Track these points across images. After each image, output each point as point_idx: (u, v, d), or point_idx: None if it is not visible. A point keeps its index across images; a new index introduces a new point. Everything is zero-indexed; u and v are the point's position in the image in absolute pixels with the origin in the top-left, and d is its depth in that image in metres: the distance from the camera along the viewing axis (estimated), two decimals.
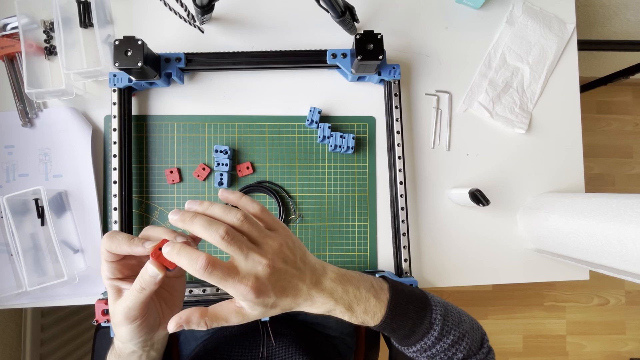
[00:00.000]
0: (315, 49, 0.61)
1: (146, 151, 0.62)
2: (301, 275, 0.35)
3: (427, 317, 0.40)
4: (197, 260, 0.30)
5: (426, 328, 0.40)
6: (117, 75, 0.58)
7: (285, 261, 0.34)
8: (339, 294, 0.37)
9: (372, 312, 0.38)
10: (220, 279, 0.31)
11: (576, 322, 1.58)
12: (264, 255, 0.33)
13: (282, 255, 0.34)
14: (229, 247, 0.32)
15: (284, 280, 0.34)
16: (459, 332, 0.41)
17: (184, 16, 0.58)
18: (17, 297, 0.57)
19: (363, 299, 0.38)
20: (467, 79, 0.67)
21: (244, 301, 0.33)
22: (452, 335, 0.40)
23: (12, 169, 0.60)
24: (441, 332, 0.40)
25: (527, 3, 0.68)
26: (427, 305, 0.41)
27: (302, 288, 0.35)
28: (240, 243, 0.32)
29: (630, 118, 1.62)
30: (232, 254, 0.32)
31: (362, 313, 0.38)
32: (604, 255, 0.49)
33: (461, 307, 0.45)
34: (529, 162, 0.67)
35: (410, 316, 0.39)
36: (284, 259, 0.34)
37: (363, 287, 0.38)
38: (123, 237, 0.35)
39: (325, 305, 0.36)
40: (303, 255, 0.37)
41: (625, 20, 0.99)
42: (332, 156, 0.64)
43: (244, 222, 0.34)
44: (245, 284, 0.32)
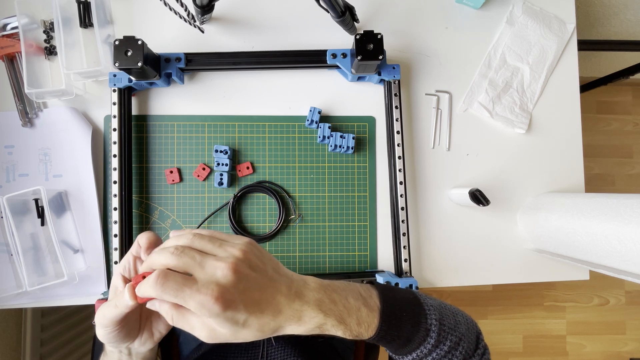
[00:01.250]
0: (315, 49, 0.61)
1: (146, 151, 0.62)
2: (276, 285, 0.32)
3: (422, 324, 0.37)
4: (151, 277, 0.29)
5: (423, 336, 0.37)
6: (117, 75, 0.58)
7: (251, 267, 0.31)
8: (327, 306, 0.33)
9: (365, 323, 0.34)
10: (175, 290, 0.28)
11: (576, 322, 1.58)
12: (223, 260, 0.30)
13: (247, 261, 0.31)
14: (180, 258, 0.30)
15: (254, 289, 0.30)
16: (456, 336, 0.39)
17: (184, 16, 0.58)
18: (17, 297, 0.57)
19: (353, 309, 0.34)
20: (467, 79, 0.67)
21: (209, 315, 0.29)
22: (449, 341, 0.38)
23: (12, 169, 0.60)
24: (438, 338, 0.37)
25: (527, 3, 0.68)
26: (421, 310, 0.38)
27: (281, 301, 0.31)
28: (192, 253, 0.30)
29: (630, 118, 1.62)
30: (186, 267, 0.30)
31: (355, 325, 0.34)
32: (604, 255, 0.49)
33: (461, 308, 0.44)
34: (529, 162, 0.67)
35: (405, 324, 0.36)
36: (250, 265, 0.31)
37: (351, 295, 0.35)
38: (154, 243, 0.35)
39: (313, 320, 0.32)
40: (276, 266, 0.34)
41: (625, 20, 0.99)
42: (332, 156, 0.64)
43: (194, 238, 0.32)
44: (205, 293, 0.28)
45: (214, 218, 0.62)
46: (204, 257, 0.30)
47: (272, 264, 0.34)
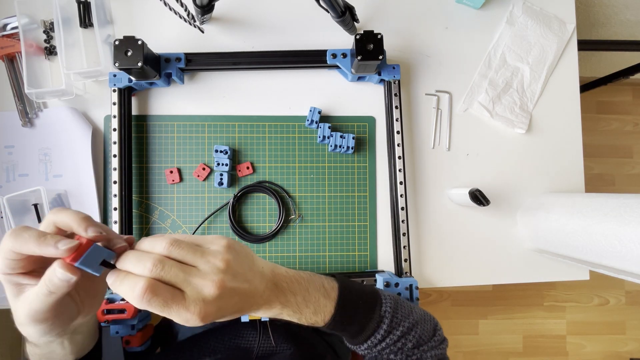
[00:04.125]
0: (315, 49, 0.61)
1: (146, 151, 0.62)
2: (252, 288, 0.32)
3: (376, 312, 0.39)
4: (136, 286, 0.27)
5: (376, 322, 0.39)
6: (117, 75, 0.58)
7: (234, 276, 0.31)
8: (287, 298, 0.35)
9: (322, 313, 0.37)
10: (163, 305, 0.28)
11: (576, 322, 1.58)
12: (208, 278, 0.29)
13: (229, 272, 0.31)
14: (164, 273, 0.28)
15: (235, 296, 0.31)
16: (409, 322, 0.41)
17: (184, 16, 0.58)
18: None
19: (312, 300, 0.36)
20: (467, 79, 0.67)
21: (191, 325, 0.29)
22: (402, 327, 0.40)
23: (12, 169, 0.60)
24: (390, 324, 0.39)
25: (527, 3, 0.68)
26: (377, 299, 0.41)
27: (253, 304, 0.33)
28: (175, 270, 0.29)
29: (630, 118, 1.62)
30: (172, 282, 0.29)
31: (311, 314, 0.36)
32: (604, 255, 0.49)
33: (461, 307, 0.45)
34: (529, 162, 0.67)
35: (359, 312, 0.39)
36: (232, 274, 0.31)
37: (312, 287, 0.37)
38: (31, 234, 0.28)
39: (272, 310, 0.35)
40: (250, 263, 0.34)
41: (625, 20, 0.99)
42: (332, 156, 0.64)
43: (172, 247, 0.30)
44: (192, 312, 0.28)
45: (214, 218, 0.62)
46: (187, 274, 0.29)
47: (247, 261, 0.33)
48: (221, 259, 0.31)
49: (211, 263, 0.30)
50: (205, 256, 0.30)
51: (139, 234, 0.61)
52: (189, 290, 0.29)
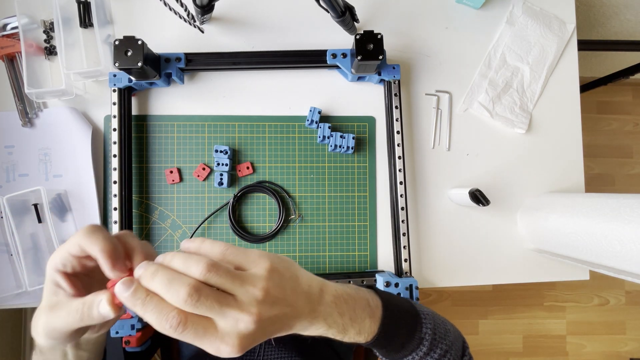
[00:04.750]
0: (315, 49, 0.61)
1: (146, 151, 0.62)
2: (294, 311, 0.30)
3: (417, 332, 0.39)
4: (167, 318, 0.26)
5: (416, 343, 0.38)
6: (117, 75, 0.58)
7: (274, 304, 0.29)
8: (334, 319, 0.33)
9: (365, 333, 0.36)
10: (196, 338, 0.26)
11: (576, 322, 1.58)
12: (246, 310, 0.27)
13: (270, 300, 0.29)
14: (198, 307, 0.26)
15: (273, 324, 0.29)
16: (446, 344, 0.40)
17: (184, 16, 0.58)
18: (17, 297, 0.57)
19: (358, 320, 0.35)
20: (467, 79, 0.67)
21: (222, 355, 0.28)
22: (440, 349, 0.39)
23: (12, 169, 0.60)
24: (430, 347, 0.39)
25: (527, 3, 0.68)
26: (418, 320, 0.40)
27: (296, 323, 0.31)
28: (210, 300, 0.26)
29: (630, 118, 1.62)
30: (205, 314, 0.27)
31: (355, 334, 0.35)
32: (604, 255, 0.49)
33: (461, 307, 0.45)
34: (529, 162, 0.67)
35: (401, 331, 0.38)
36: (272, 302, 0.29)
37: (359, 306, 0.35)
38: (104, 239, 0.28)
39: (318, 330, 0.33)
40: (294, 284, 0.31)
41: (625, 20, 0.99)
42: (332, 156, 0.64)
43: (209, 273, 0.27)
44: (227, 344, 0.27)
45: (214, 218, 0.62)
46: (223, 305, 0.27)
47: (291, 283, 0.31)
48: (261, 288, 0.28)
49: (250, 293, 0.28)
50: (245, 285, 0.28)
51: (139, 234, 0.61)
52: (224, 323, 0.27)
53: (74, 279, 0.31)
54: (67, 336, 0.29)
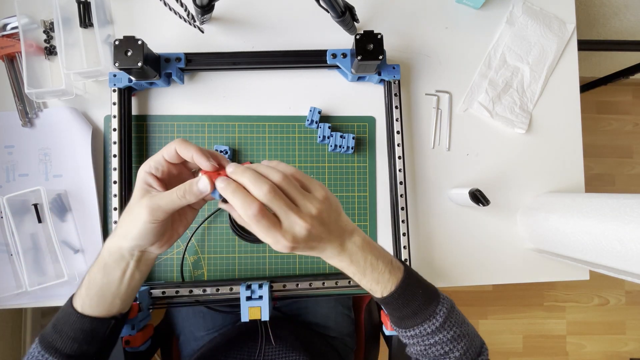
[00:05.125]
0: (315, 49, 0.61)
1: (146, 151, 0.62)
2: (330, 237, 0.37)
3: (432, 305, 0.41)
4: (251, 206, 0.33)
5: (429, 314, 0.40)
6: (117, 75, 0.58)
7: (321, 224, 0.36)
8: (356, 258, 0.39)
9: (383, 284, 0.40)
10: (266, 228, 0.34)
11: (576, 322, 1.58)
12: (303, 219, 0.34)
13: (320, 219, 0.36)
14: (272, 202, 0.33)
15: (315, 241, 0.36)
16: (460, 330, 0.41)
17: (184, 16, 0.58)
18: (17, 297, 0.57)
19: (378, 270, 0.40)
20: (467, 79, 0.67)
21: (277, 249, 0.35)
22: (453, 332, 0.41)
23: (12, 169, 0.60)
24: (443, 324, 0.40)
25: (527, 3, 0.68)
26: (436, 295, 0.42)
27: (328, 246, 0.38)
28: (282, 200, 0.34)
29: (630, 118, 1.62)
30: (275, 210, 0.34)
31: (372, 282, 0.40)
32: (604, 255, 0.49)
33: (461, 308, 0.45)
34: (529, 162, 0.67)
35: (417, 299, 0.41)
36: (321, 222, 0.36)
37: (382, 260, 0.40)
38: (194, 146, 0.36)
39: (342, 262, 0.39)
40: (337, 216, 0.38)
41: (625, 20, 0.99)
42: (332, 156, 0.64)
43: (284, 180, 0.35)
44: (286, 238, 0.34)
45: (214, 218, 0.62)
46: (289, 209, 0.34)
47: (335, 215, 0.38)
48: (316, 207, 0.36)
49: (308, 207, 0.35)
50: (305, 199, 0.36)
51: None
52: (286, 223, 0.34)
53: (161, 182, 0.37)
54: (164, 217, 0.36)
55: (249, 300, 0.53)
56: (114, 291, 0.39)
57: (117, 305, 0.40)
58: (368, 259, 0.39)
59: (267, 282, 0.55)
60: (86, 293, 0.39)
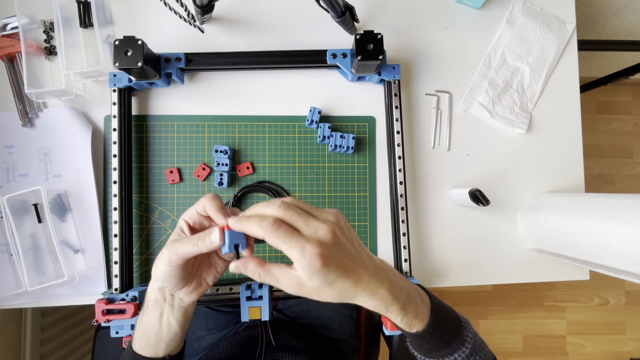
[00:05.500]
0: (315, 49, 0.61)
1: (146, 151, 0.62)
2: (361, 257, 0.34)
3: (462, 333, 0.39)
4: (265, 219, 0.31)
5: (460, 343, 0.39)
6: (117, 75, 0.58)
7: (344, 234, 0.33)
8: (396, 291, 0.35)
9: (420, 317, 0.37)
10: (286, 236, 0.31)
11: (576, 322, 1.58)
12: (324, 222, 0.32)
13: (340, 228, 0.33)
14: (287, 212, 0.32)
15: (345, 255, 0.32)
16: (484, 354, 0.40)
17: (184, 16, 0.58)
18: (18, 297, 0.57)
19: (414, 301, 0.36)
20: (467, 79, 0.67)
21: (305, 268, 0.31)
22: (479, 357, 0.40)
23: (12, 169, 0.60)
24: (472, 350, 0.39)
25: (527, 3, 0.68)
26: (460, 321, 0.41)
27: (362, 273, 0.33)
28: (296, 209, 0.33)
29: (630, 118, 1.62)
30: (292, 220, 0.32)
31: (412, 316, 0.36)
32: (604, 255, 0.49)
33: (461, 308, 0.45)
34: (529, 162, 0.67)
35: (447, 328, 0.39)
36: (342, 232, 0.33)
37: (412, 289, 0.37)
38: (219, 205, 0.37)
39: (384, 298, 0.34)
40: (357, 239, 0.36)
41: (625, 20, 0.99)
42: (332, 156, 0.64)
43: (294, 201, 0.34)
44: (312, 244, 0.31)
45: None
46: (307, 215, 0.33)
47: (355, 236, 0.35)
48: (333, 215, 0.34)
49: (324, 217, 0.33)
50: (320, 211, 0.34)
51: (139, 234, 0.61)
52: (307, 230, 0.32)
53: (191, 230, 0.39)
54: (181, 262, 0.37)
55: (249, 300, 0.53)
56: (155, 333, 0.41)
57: (162, 349, 0.42)
58: (403, 289, 0.35)
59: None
60: (136, 333, 0.43)
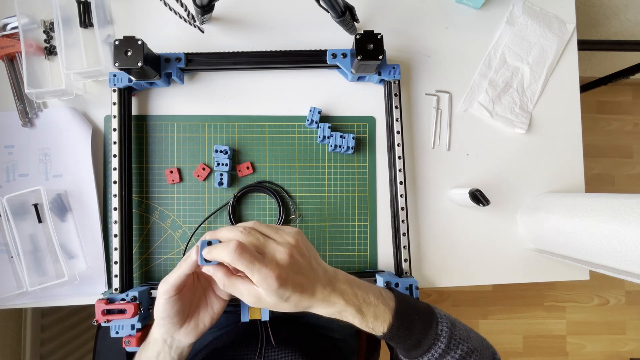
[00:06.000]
0: (315, 49, 0.61)
1: (146, 151, 0.62)
2: (316, 273, 0.37)
3: (433, 328, 0.40)
4: (229, 244, 0.34)
5: (433, 339, 0.39)
6: (117, 75, 0.58)
7: (301, 255, 0.37)
8: (349, 296, 0.38)
9: (381, 318, 0.39)
10: (248, 262, 0.34)
11: (576, 322, 1.58)
12: (282, 245, 0.36)
13: (298, 249, 0.37)
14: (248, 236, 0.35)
15: (301, 274, 0.36)
16: (467, 347, 0.40)
17: (184, 16, 0.58)
18: (18, 297, 0.57)
19: (372, 304, 0.39)
20: (467, 79, 0.67)
21: (265, 289, 0.35)
22: (460, 350, 0.40)
23: (12, 169, 0.60)
24: (448, 344, 0.39)
25: (527, 3, 0.68)
26: (433, 316, 0.41)
27: (317, 287, 0.37)
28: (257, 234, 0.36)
29: (630, 118, 1.62)
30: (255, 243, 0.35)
31: (372, 318, 0.39)
32: (604, 255, 0.49)
33: (461, 307, 0.45)
34: (529, 162, 0.67)
35: (417, 326, 0.39)
36: (300, 252, 0.37)
37: (372, 293, 0.40)
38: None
39: (336, 305, 0.38)
40: (316, 256, 0.39)
41: (625, 20, 0.99)
42: (332, 156, 0.64)
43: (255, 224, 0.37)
44: (270, 268, 0.34)
45: (214, 218, 0.62)
46: (266, 239, 0.36)
47: (314, 254, 0.39)
48: (292, 237, 0.37)
49: (284, 238, 0.37)
50: (280, 233, 0.38)
51: (139, 234, 0.61)
52: (267, 252, 0.35)
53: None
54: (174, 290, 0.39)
55: None
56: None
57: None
58: (359, 294, 0.39)
59: None
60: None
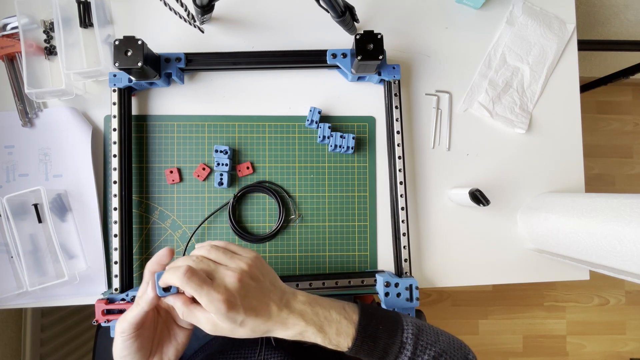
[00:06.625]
0: (315, 49, 0.61)
1: (146, 151, 0.62)
2: (270, 295, 0.38)
3: (398, 336, 0.40)
4: (180, 269, 0.35)
5: (398, 347, 0.39)
6: (117, 75, 0.58)
7: (253, 279, 0.37)
8: (309, 316, 0.38)
9: (344, 333, 0.39)
10: (197, 285, 0.34)
11: (576, 322, 1.58)
12: (232, 270, 0.36)
13: (250, 273, 0.37)
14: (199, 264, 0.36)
15: (253, 297, 0.36)
16: (435, 350, 0.40)
17: (184, 16, 0.58)
18: (18, 297, 0.57)
19: (334, 320, 0.39)
20: (467, 79, 0.67)
21: (215, 313, 0.35)
22: (428, 354, 0.40)
23: (12, 169, 0.60)
24: (414, 351, 0.39)
25: (527, 3, 0.68)
26: (399, 324, 0.41)
27: (272, 309, 0.37)
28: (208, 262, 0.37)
29: (630, 118, 1.62)
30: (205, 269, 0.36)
31: (334, 334, 0.39)
32: (604, 255, 0.49)
33: (461, 308, 0.45)
34: (529, 162, 0.67)
35: (381, 337, 0.39)
36: (252, 277, 0.37)
37: (334, 310, 0.40)
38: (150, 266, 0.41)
39: (296, 326, 0.38)
40: (273, 279, 0.40)
41: (625, 20, 0.99)
42: (332, 156, 0.64)
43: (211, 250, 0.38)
44: (217, 291, 0.34)
45: (214, 218, 0.62)
46: (217, 265, 0.37)
47: (270, 277, 0.40)
48: (246, 263, 0.38)
49: (237, 263, 0.37)
50: (234, 258, 0.38)
51: (139, 234, 0.61)
52: (217, 277, 0.36)
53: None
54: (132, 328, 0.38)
55: None
56: None
57: None
58: (320, 313, 0.39)
59: None
60: None
